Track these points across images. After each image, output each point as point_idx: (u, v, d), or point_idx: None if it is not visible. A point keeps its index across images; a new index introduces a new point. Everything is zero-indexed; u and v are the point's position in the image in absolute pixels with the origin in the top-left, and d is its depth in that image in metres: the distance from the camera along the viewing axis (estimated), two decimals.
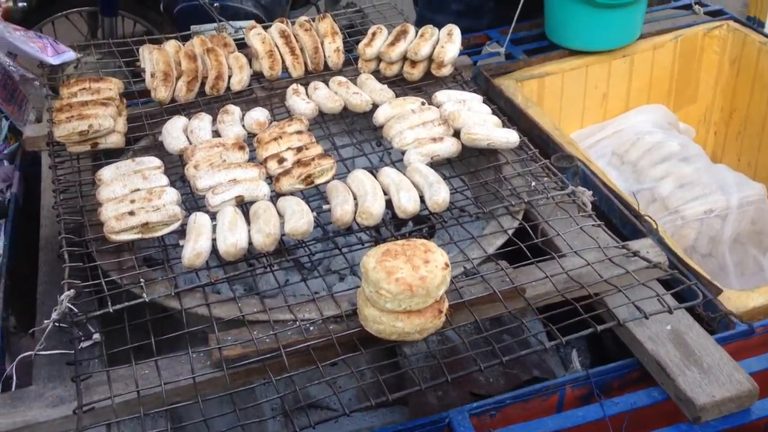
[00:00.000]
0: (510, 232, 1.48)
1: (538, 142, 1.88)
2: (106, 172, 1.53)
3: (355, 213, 1.45)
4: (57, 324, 1.25)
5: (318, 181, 1.53)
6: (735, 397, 1.24)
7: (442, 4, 2.56)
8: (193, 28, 4.07)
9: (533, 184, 1.59)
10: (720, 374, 1.28)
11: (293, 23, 2.03)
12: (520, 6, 2.22)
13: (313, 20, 2.04)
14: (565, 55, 2.36)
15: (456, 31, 1.93)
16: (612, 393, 1.35)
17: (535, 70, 2.31)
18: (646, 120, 2.49)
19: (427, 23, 2.10)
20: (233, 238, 1.37)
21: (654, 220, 1.66)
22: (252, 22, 3.93)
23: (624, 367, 1.37)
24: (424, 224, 1.62)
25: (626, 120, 2.50)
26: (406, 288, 1.17)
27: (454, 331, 1.28)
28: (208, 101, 1.86)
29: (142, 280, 1.34)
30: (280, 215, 1.43)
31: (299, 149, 1.56)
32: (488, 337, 1.25)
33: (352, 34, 2.14)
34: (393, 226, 1.56)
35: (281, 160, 1.54)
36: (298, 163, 1.53)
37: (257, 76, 1.96)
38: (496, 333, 1.31)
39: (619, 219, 1.68)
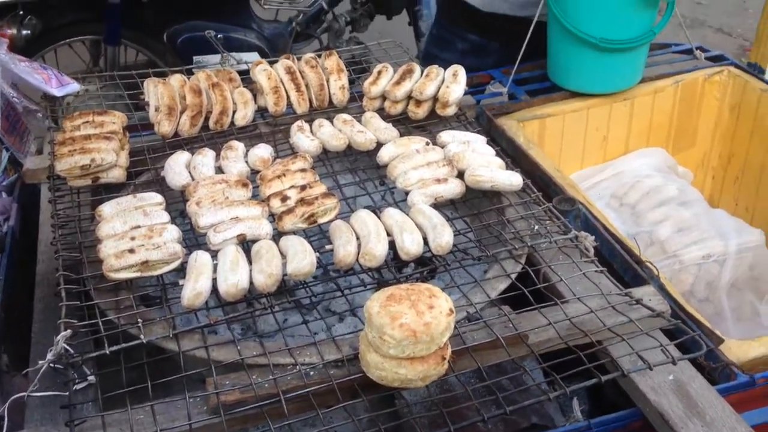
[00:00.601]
0: (513, 276, 1.47)
1: (540, 183, 1.88)
2: (107, 208, 1.52)
3: (358, 254, 1.44)
4: (52, 365, 1.23)
5: (321, 221, 1.52)
6: None
7: (448, 43, 2.59)
8: (196, 58, 4.11)
9: (536, 227, 1.58)
10: (723, 428, 1.26)
11: (299, 59, 2.04)
12: (524, 47, 2.25)
13: (319, 56, 2.05)
14: (567, 97, 2.38)
15: (461, 71, 1.94)
16: None
17: (537, 111, 2.32)
18: (645, 163, 2.50)
19: (433, 60, 2.11)
20: (234, 278, 1.35)
21: (655, 266, 1.65)
22: (255, 55, 3.96)
23: (626, 417, 1.35)
24: (425, 266, 1.61)
25: (626, 162, 2.51)
26: (410, 334, 1.16)
27: (456, 378, 1.26)
28: (212, 136, 1.86)
29: (139, 320, 1.32)
30: (283, 255, 1.42)
31: (303, 187, 1.56)
32: (491, 386, 1.23)
33: (357, 71, 2.15)
34: (395, 267, 1.55)
35: (284, 198, 1.54)
36: (302, 201, 1.53)
37: (261, 111, 1.97)
38: (496, 380, 1.30)
39: (621, 264, 1.68)
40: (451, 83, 1.92)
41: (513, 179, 1.65)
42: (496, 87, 2.41)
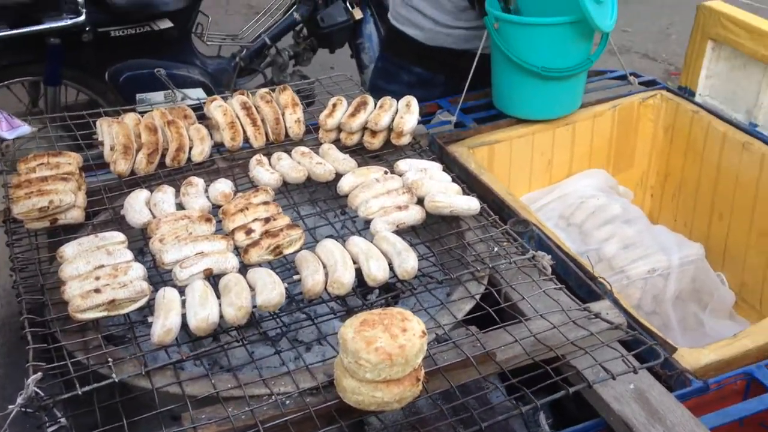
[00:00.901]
0: (477, 297, 1.52)
1: (494, 206, 1.95)
2: (68, 249, 1.51)
3: (326, 283, 1.47)
4: (22, 409, 1.21)
5: (287, 252, 1.54)
6: None
7: (394, 76, 2.66)
8: (139, 96, 4.09)
9: (495, 249, 1.64)
10: (683, 431, 1.33)
11: (253, 94, 2.06)
12: (469, 78, 2.33)
13: (273, 91, 2.08)
14: (512, 124, 2.47)
15: (414, 102, 2.01)
16: None
17: (485, 138, 2.40)
18: (588, 184, 2.61)
19: (380, 92, 2.17)
20: (204, 312, 1.36)
21: (608, 282, 1.73)
22: (200, 91, 3.95)
23: (591, 427, 1.40)
24: (390, 292, 1.64)
25: (570, 184, 2.61)
26: (386, 357, 1.19)
27: (427, 399, 1.29)
28: (169, 173, 1.87)
29: (109, 359, 1.31)
30: (251, 287, 1.44)
31: (267, 220, 1.58)
32: (464, 404, 1.27)
33: (308, 104, 2.19)
34: (360, 294, 1.58)
35: (249, 231, 1.56)
36: (267, 233, 1.55)
37: (218, 146, 1.98)
38: (465, 399, 1.33)
39: (575, 281, 1.75)
40: (405, 113, 1.98)
41: (471, 204, 1.71)
42: (444, 116, 2.48)
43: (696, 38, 2.59)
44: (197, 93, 3.98)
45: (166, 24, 3.89)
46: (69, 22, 3.60)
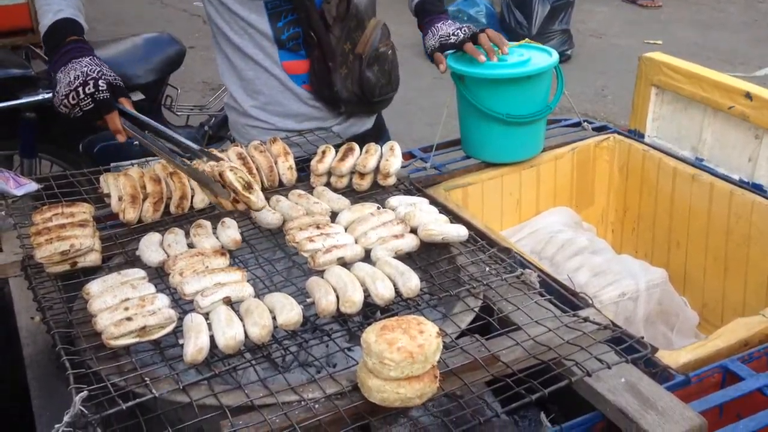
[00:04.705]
0: (476, 309, 1.66)
1: (477, 238, 2.11)
2: (94, 286, 1.60)
3: (338, 303, 1.59)
4: (69, 428, 1.28)
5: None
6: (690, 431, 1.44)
7: None
8: (113, 165, 4.18)
9: (487, 269, 1.79)
10: (674, 414, 1.47)
11: (246, 146, 2.21)
12: (440, 129, 2.53)
13: (265, 143, 2.23)
14: (482, 168, 2.67)
15: (396, 146, 2.19)
16: None
17: (458, 181, 2.59)
18: (555, 221, 2.81)
19: None
20: (231, 332, 1.47)
21: (589, 296, 1.89)
22: None
23: (591, 419, 1.53)
24: (389, 311, 1.77)
25: (538, 221, 2.81)
26: (408, 356, 1.31)
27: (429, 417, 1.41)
28: (174, 219, 1.98)
29: (146, 379, 1.40)
30: (270, 310, 1.55)
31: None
32: (488, 404, 1.39)
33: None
34: (363, 316, 1.71)
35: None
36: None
37: None
38: (454, 406, 1.44)
39: (558, 297, 1.90)
40: (390, 156, 2.15)
41: (460, 231, 1.87)
42: (418, 163, 2.68)
43: (640, 85, 2.87)
44: None
45: (138, 96, 4.03)
46: (45, 96, 3.72)
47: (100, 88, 1.81)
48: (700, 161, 2.69)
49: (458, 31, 2.47)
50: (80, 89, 1.79)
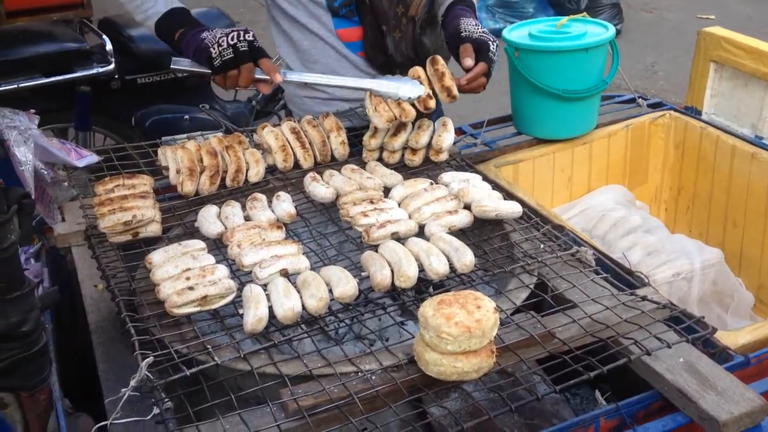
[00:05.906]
0: (531, 286, 1.65)
1: (531, 215, 2.10)
2: (156, 256, 1.64)
3: (392, 278, 1.60)
4: (135, 392, 1.32)
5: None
6: (750, 413, 1.41)
7: None
8: (164, 139, 4.26)
9: (541, 246, 1.78)
10: (734, 395, 1.45)
11: (299, 121, 2.22)
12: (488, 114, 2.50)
13: (317, 118, 2.24)
14: (534, 144, 2.64)
15: (449, 122, 2.17)
16: (638, 423, 1.50)
17: (509, 158, 2.57)
18: (608, 199, 2.77)
19: None
20: (290, 303, 1.49)
21: (645, 275, 1.87)
22: (220, 134, 4.17)
23: (648, 398, 1.52)
24: (443, 287, 1.77)
25: (590, 199, 2.77)
26: (465, 330, 1.32)
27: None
28: (230, 192, 2.01)
29: (209, 346, 1.43)
30: (326, 283, 1.57)
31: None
32: (545, 379, 1.39)
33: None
34: (415, 291, 1.71)
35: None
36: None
37: (270, 168, 2.13)
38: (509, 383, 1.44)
39: (614, 276, 1.88)
40: (442, 132, 2.14)
41: (514, 208, 1.86)
42: (469, 139, 2.66)
43: (698, 61, 2.79)
44: (219, 135, 4.16)
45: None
46: (100, 70, 3.79)
47: (243, 38, 2.02)
48: (760, 139, 2.62)
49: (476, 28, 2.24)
50: (226, 38, 2.01)
